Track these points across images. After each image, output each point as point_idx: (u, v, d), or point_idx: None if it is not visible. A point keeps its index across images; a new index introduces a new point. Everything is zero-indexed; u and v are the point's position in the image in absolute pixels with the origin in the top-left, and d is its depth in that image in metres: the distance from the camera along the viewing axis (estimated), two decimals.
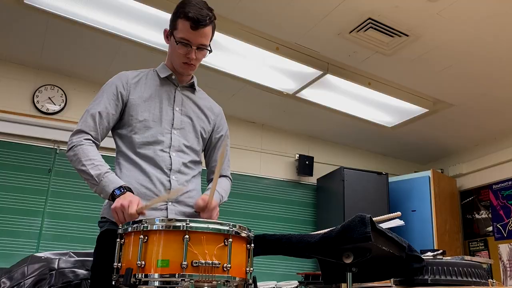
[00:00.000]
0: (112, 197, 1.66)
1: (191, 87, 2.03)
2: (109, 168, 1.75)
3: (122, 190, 1.66)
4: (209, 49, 1.91)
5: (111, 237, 1.59)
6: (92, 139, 1.82)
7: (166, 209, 1.81)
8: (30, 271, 2.81)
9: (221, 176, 2.09)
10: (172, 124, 1.91)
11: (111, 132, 1.94)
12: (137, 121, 1.87)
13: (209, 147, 2.09)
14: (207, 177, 2.09)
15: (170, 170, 1.85)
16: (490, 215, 5.63)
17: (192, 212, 1.86)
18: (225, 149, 1.86)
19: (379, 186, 5.43)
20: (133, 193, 1.69)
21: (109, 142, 1.97)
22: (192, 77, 2.04)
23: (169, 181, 1.83)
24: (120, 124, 1.91)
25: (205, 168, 2.11)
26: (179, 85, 1.99)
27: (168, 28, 1.92)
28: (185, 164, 1.90)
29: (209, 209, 1.79)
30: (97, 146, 1.84)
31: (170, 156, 1.86)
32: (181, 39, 1.84)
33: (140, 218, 1.54)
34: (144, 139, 1.86)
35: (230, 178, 2.14)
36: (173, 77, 1.97)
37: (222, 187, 2.02)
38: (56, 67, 4.64)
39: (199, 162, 2.00)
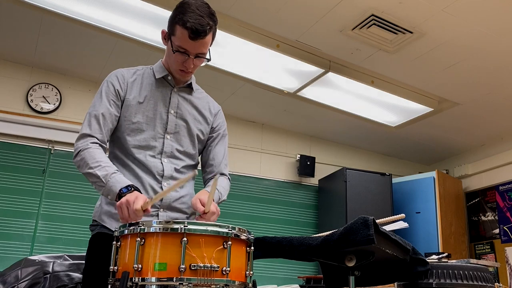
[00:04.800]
0: (119, 196, 1.63)
1: (189, 87, 1.99)
2: (117, 170, 1.73)
3: (130, 189, 1.64)
4: (207, 58, 1.84)
5: (102, 240, 1.58)
6: (99, 142, 1.79)
7: (157, 215, 1.79)
8: (23, 275, 2.84)
9: (219, 174, 2.06)
10: (166, 129, 1.88)
11: None
12: (130, 123, 1.84)
13: (206, 145, 2.06)
14: (204, 177, 2.06)
15: (162, 176, 1.83)
16: (496, 217, 5.61)
17: (185, 218, 1.85)
18: (217, 182, 1.78)
19: (382, 187, 5.41)
20: (140, 192, 1.67)
21: None
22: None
23: (161, 187, 1.82)
24: None
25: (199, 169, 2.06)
26: (176, 86, 1.95)
27: (166, 30, 1.86)
28: (177, 170, 1.88)
29: (208, 216, 1.72)
30: (104, 149, 1.81)
31: (161, 162, 1.84)
32: (178, 47, 1.79)
33: (137, 220, 1.53)
34: (136, 143, 1.83)
35: (228, 177, 2.10)
36: (169, 77, 1.93)
37: (221, 185, 1.99)
38: (50, 65, 4.64)
39: (194, 166, 1.98)
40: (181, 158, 1.89)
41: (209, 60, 1.86)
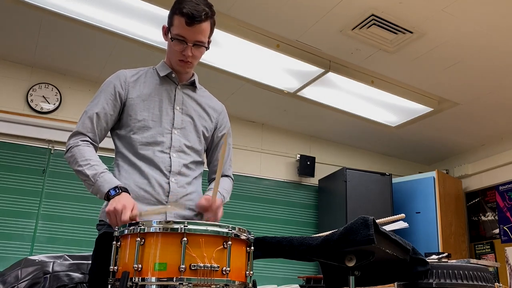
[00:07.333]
0: (107, 197, 1.64)
1: (192, 85, 2.00)
2: (106, 168, 1.73)
3: (118, 191, 1.64)
4: (206, 46, 1.87)
5: (108, 240, 1.57)
6: (90, 140, 1.81)
7: (165, 212, 1.78)
8: (23, 275, 2.83)
9: (222, 175, 2.06)
10: (173, 124, 1.88)
11: (110, 132, 1.91)
12: (136, 121, 1.84)
13: (211, 146, 2.06)
14: (208, 177, 2.07)
15: (170, 172, 1.82)
16: (496, 217, 5.59)
17: (192, 216, 1.84)
18: (226, 148, 1.83)
19: (382, 187, 5.39)
20: (129, 193, 1.67)
21: (108, 142, 1.94)
22: (193, 74, 2.01)
23: (168, 183, 1.80)
24: (118, 124, 1.88)
25: (206, 169, 2.08)
26: (179, 83, 1.96)
27: (166, 25, 1.90)
28: (186, 166, 1.87)
29: (212, 209, 1.77)
30: (95, 148, 1.83)
31: (170, 157, 1.83)
32: (176, 35, 1.82)
33: (134, 221, 1.54)
34: (144, 140, 1.83)
35: (232, 178, 2.11)
36: (173, 75, 1.95)
37: (223, 187, 2.00)
38: (50, 65, 4.61)
39: (201, 163, 1.97)
40: (189, 153, 1.89)
41: (207, 48, 1.88)
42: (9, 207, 4.21)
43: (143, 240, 1.36)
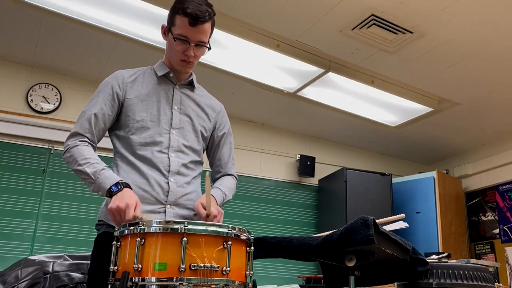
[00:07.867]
0: (110, 194, 1.64)
1: (190, 85, 2.00)
2: (106, 166, 1.73)
3: (120, 187, 1.64)
4: (208, 46, 1.87)
5: (107, 240, 1.57)
6: (88, 140, 1.81)
7: (164, 212, 1.78)
8: (23, 275, 2.83)
9: (226, 174, 2.07)
10: (171, 124, 1.88)
11: (108, 133, 1.91)
12: (134, 121, 1.84)
13: (212, 145, 2.06)
14: (212, 177, 2.07)
15: (169, 171, 1.82)
16: (496, 217, 5.59)
17: (191, 215, 1.84)
18: (210, 189, 1.79)
19: (382, 187, 5.38)
20: (131, 188, 1.67)
21: (108, 142, 1.94)
22: (191, 74, 2.00)
23: (168, 183, 1.81)
24: (117, 125, 1.88)
25: (208, 169, 2.06)
26: (177, 83, 1.96)
27: (166, 24, 1.89)
28: (184, 165, 1.87)
29: (211, 219, 1.76)
30: (94, 148, 1.82)
31: (168, 157, 1.84)
32: (179, 35, 1.81)
33: (137, 220, 1.53)
34: (142, 140, 1.83)
35: (235, 176, 2.11)
36: (171, 75, 1.95)
37: (226, 185, 2.00)
38: (50, 65, 4.61)
39: (200, 162, 1.97)
40: (187, 153, 1.89)
41: (209, 48, 1.87)
42: (9, 207, 4.20)
43: (143, 240, 1.36)
